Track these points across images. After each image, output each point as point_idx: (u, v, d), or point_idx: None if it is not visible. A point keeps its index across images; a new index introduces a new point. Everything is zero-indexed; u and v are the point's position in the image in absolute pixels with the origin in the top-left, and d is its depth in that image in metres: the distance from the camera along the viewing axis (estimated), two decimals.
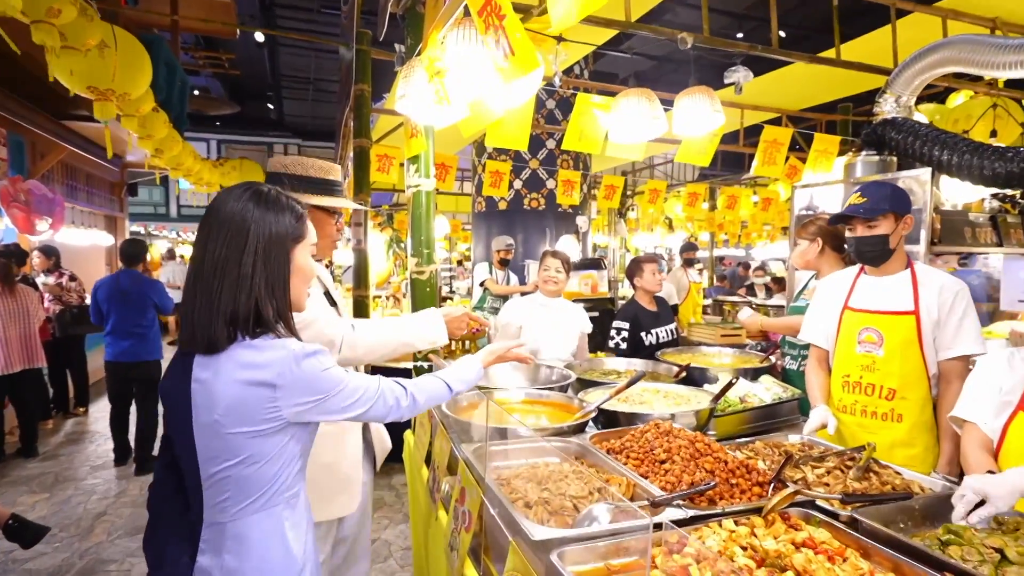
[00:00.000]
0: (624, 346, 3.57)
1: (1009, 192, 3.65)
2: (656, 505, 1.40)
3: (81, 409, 6.57)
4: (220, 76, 14.72)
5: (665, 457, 1.65)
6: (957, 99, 6.33)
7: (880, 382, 2.12)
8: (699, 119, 3.06)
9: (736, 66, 3.33)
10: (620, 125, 3.02)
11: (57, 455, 5.25)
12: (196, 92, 15.19)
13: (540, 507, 1.48)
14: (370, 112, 4.46)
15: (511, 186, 7.05)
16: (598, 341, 4.80)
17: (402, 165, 3.43)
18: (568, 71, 7.03)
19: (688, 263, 7.89)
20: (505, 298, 6.12)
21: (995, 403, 1.65)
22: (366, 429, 2.22)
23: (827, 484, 1.60)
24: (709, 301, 8.72)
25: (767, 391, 2.66)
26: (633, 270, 3.75)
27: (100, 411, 6.67)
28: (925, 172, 3.03)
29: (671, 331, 3.72)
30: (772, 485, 1.55)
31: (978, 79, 5.04)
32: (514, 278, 6.29)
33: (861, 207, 2.13)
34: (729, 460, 1.62)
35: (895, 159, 3.44)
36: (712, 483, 1.44)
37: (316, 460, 1.52)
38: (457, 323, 2.13)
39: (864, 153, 3.49)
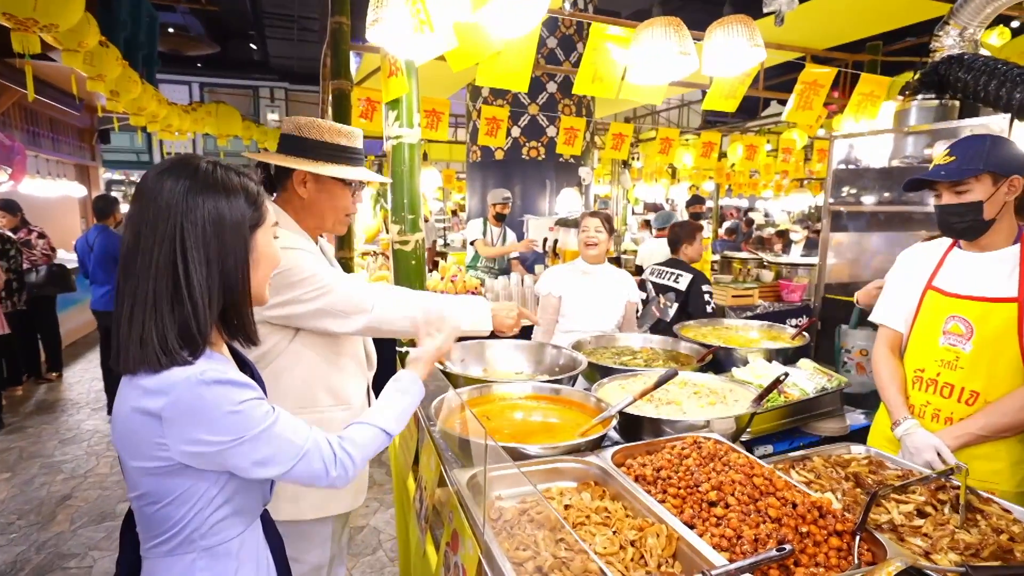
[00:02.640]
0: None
1: None
2: None
3: (54, 375, 6.21)
4: (198, 12, 13.76)
5: (716, 498, 1.28)
6: (990, 37, 5.68)
7: (962, 383, 1.74)
8: (735, 55, 2.56)
9: None
10: (642, 62, 2.52)
11: (24, 427, 4.92)
12: (171, 30, 14.27)
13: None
14: (349, 49, 3.91)
15: (508, 134, 6.50)
16: None
17: None
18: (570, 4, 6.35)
19: (695, 217, 7.48)
20: (500, 259, 5.69)
21: None
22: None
23: (926, 535, 1.24)
24: (717, 257, 8.35)
25: (809, 380, 2.30)
26: (683, 235, 3.34)
27: (75, 376, 6.33)
28: (999, 120, 2.57)
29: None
30: (857, 537, 1.20)
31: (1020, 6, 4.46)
32: (511, 235, 5.82)
33: (944, 168, 1.71)
34: (799, 502, 1.25)
35: (956, 104, 2.96)
36: (788, 548, 1.08)
37: None
38: (506, 312, 1.88)
39: (920, 97, 3.01)
